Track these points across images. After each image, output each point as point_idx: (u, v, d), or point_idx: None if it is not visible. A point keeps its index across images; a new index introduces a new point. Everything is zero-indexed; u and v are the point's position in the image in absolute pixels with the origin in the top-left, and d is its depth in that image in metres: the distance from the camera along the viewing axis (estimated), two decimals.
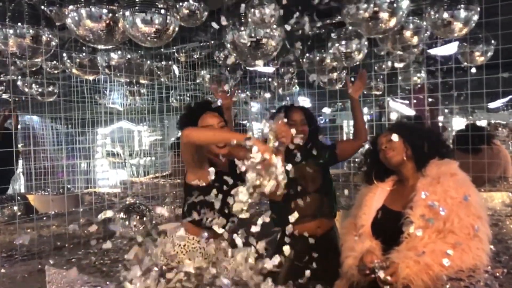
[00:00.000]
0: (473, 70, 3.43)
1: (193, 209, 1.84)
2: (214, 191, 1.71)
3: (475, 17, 2.70)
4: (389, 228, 1.73)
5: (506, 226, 2.43)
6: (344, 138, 6.34)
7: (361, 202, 1.93)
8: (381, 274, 1.58)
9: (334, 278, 1.93)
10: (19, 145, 4.71)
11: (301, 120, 2.34)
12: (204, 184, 1.85)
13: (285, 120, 1.62)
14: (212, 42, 4.12)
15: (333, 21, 3.67)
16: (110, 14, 2.48)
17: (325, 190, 2.42)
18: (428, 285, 1.55)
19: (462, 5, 2.66)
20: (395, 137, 1.82)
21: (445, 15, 2.69)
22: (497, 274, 1.54)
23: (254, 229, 1.49)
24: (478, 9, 2.70)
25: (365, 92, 4.63)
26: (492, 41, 3.41)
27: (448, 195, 1.64)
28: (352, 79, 2.91)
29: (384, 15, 2.50)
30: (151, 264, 1.60)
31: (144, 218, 2.54)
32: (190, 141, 1.75)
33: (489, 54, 3.45)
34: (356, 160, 3.40)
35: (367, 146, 2.18)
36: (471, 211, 1.61)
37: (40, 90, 4.13)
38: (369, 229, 1.83)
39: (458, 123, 5.16)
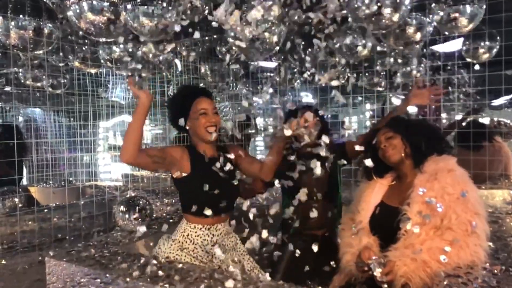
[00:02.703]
0: (476, 67, 3.40)
1: (187, 200, 1.89)
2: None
3: (481, 12, 2.67)
4: (387, 224, 1.73)
5: (506, 223, 2.42)
6: (346, 134, 6.29)
7: (359, 198, 1.93)
8: (378, 273, 1.58)
9: (333, 274, 1.94)
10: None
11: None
12: (186, 174, 1.86)
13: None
14: (215, 36, 4.10)
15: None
16: (112, 7, 2.47)
17: (330, 197, 2.34)
18: (426, 282, 1.55)
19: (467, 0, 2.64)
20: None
21: (451, 10, 2.66)
22: (495, 271, 1.53)
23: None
24: (484, 6, 2.67)
25: (367, 88, 4.61)
26: (498, 38, 3.38)
27: (446, 192, 1.64)
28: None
29: (387, 11, 2.48)
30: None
31: (144, 212, 2.55)
32: (131, 155, 1.69)
33: (494, 50, 3.42)
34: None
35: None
36: (468, 208, 1.61)
37: (52, 82, 4.12)
38: (367, 225, 1.83)
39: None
